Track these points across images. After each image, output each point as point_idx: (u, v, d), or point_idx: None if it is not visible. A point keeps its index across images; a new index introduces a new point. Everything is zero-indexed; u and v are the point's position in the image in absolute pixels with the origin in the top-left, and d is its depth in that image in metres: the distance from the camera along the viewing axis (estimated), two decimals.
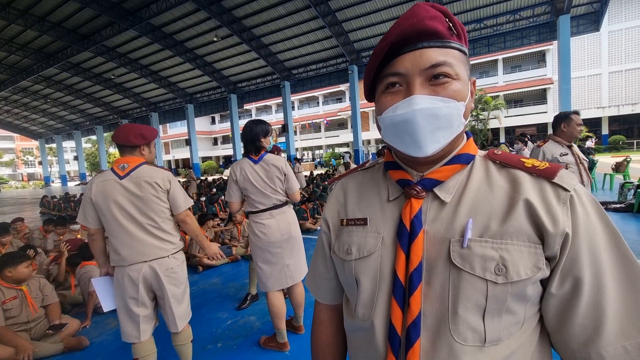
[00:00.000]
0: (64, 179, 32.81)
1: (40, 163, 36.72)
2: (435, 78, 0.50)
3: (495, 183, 0.53)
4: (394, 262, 0.54)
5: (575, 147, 2.56)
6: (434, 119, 0.49)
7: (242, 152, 2.32)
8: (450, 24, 0.51)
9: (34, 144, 45.05)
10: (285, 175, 2.25)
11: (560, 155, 2.50)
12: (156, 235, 1.79)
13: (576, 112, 2.56)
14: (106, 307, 1.83)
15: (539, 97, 26.15)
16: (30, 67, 18.75)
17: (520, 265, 0.47)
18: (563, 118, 2.55)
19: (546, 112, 24.93)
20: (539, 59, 26.69)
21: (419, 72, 0.50)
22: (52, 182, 37.58)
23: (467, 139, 0.59)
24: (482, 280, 0.48)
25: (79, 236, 4.94)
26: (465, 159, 0.55)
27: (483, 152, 0.59)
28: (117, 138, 1.80)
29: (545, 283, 0.50)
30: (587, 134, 19.81)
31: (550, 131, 2.81)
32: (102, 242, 1.85)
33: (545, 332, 0.53)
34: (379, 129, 0.59)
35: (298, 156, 33.12)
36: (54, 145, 33.47)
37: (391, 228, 0.56)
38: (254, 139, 2.23)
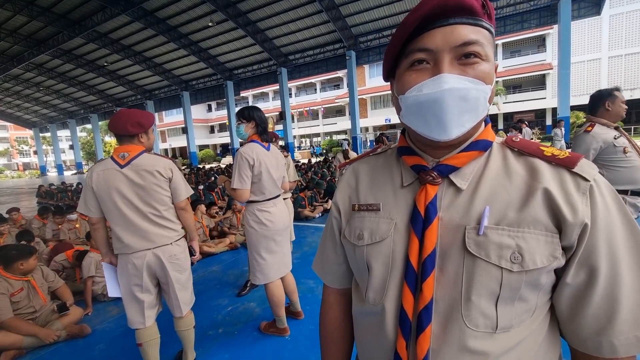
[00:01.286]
0: (60, 168, 32.59)
1: (35, 152, 36.31)
2: (466, 57, 0.48)
3: (513, 171, 0.52)
4: (407, 248, 0.54)
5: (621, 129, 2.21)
6: (462, 101, 0.48)
7: (246, 133, 2.20)
8: (484, 2, 0.49)
9: (28, 133, 44.48)
10: (287, 165, 2.35)
11: (615, 139, 2.13)
12: (159, 224, 1.81)
13: (617, 89, 2.24)
14: (111, 292, 1.87)
15: (538, 82, 25.93)
16: (21, 54, 18.29)
17: (536, 254, 0.47)
18: (606, 96, 2.20)
19: (545, 98, 24.79)
20: (539, 43, 26.34)
21: (450, 50, 0.48)
22: (48, 171, 37.35)
23: (486, 125, 0.57)
24: (497, 268, 0.48)
25: (77, 226, 4.94)
26: (483, 146, 0.54)
27: (501, 139, 0.58)
28: (114, 128, 1.77)
29: (559, 272, 0.50)
30: (584, 119, 19.76)
31: (549, 117, 2.64)
32: (103, 231, 1.84)
33: (555, 320, 0.54)
34: (398, 110, 0.57)
35: (296, 144, 32.99)
36: (48, 135, 33.09)
37: (404, 214, 0.56)
38: (266, 128, 2.24)
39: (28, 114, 29.81)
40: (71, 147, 30.80)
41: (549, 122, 24.17)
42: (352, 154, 5.34)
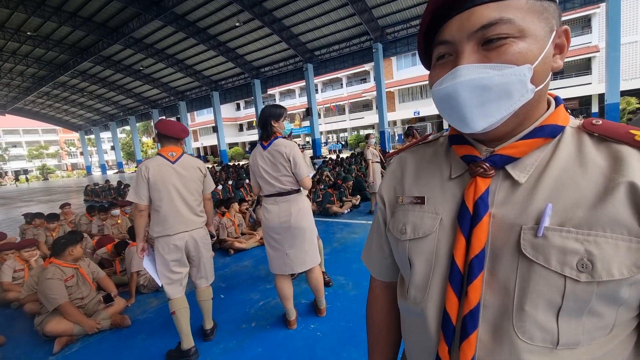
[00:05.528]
0: (103, 167, 35.00)
1: (81, 153, 39.27)
2: (490, 42, 0.43)
3: (590, 161, 0.43)
4: (452, 247, 0.49)
5: None
6: (482, 90, 0.42)
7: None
8: None
9: (75, 135, 47.93)
10: (290, 161, 2.17)
11: None
12: (194, 211, 2.25)
13: None
14: (159, 281, 2.20)
15: (583, 67, 24.00)
16: (67, 62, 19.76)
17: (613, 263, 0.39)
18: None
19: (590, 84, 22.94)
20: (584, 24, 24.35)
21: (467, 37, 0.43)
22: (93, 171, 40.23)
23: (557, 106, 0.49)
24: (559, 276, 0.41)
25: (119, 221, 5.25)
26: (550, 131, 0.46)
27: (578, 122, 0.49)
28: (169, 131, 2.17)
29: None
30: (637, 106, 18.09)
31: (595, 105, 2.39)
32: (147, 217, 2.18)
33: None
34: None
35: (323, 140, 32.93)
36: (93, 136, 35.55)
37: (451, 209, 0.51)
38: (265, 124, 2.24)
39: (74, 117, 32.15)
40: (112, 147, 32.88)
41: (595, 109, 22.37)
42: (370, 150, 5.37)
